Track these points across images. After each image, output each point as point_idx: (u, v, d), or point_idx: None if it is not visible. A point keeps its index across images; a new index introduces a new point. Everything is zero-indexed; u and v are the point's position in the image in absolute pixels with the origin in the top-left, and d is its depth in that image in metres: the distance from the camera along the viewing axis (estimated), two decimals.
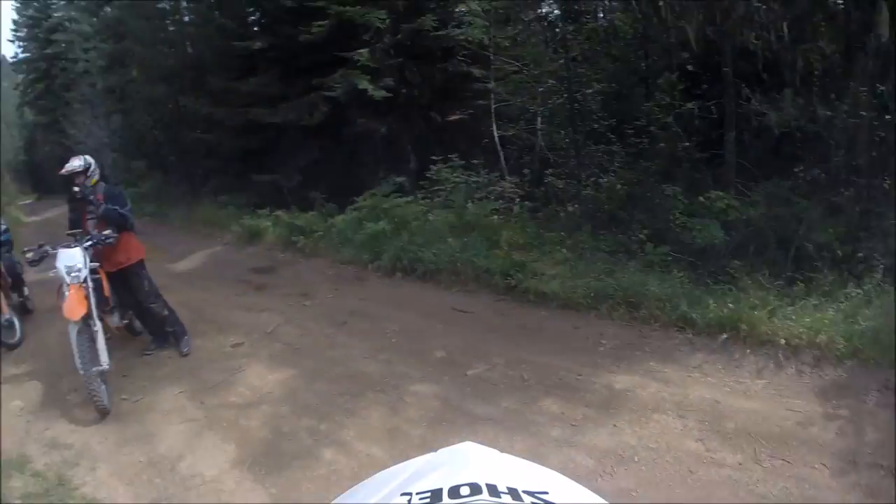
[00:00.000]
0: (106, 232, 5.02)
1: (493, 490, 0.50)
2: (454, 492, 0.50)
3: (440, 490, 0.50)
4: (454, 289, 6.30)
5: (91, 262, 4.90)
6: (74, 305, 4.63)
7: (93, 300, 4.84)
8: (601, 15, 10.17)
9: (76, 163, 5.16)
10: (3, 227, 7.50)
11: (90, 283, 4.86)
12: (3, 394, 5.50)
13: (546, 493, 0.52)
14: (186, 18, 16.04)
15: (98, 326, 4.83)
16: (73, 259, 4.79)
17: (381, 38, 9.88)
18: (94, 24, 26.51)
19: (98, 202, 5.13)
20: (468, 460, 0.61)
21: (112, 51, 21.38)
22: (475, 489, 0.50)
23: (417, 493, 0.51)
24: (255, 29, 12.70)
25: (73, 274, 4.73)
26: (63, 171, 5.23)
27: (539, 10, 10.21)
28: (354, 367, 4.91)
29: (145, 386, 5.20)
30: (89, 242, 4.97)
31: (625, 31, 8.55)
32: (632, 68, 8.19)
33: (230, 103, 12.35)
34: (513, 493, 0.50)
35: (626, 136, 7.32)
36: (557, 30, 8.93)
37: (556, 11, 10.19)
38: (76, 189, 5.13)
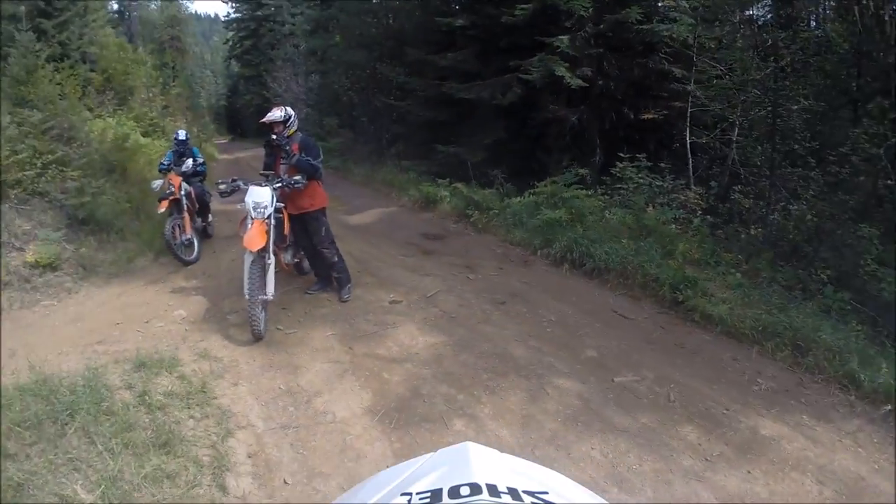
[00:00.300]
0: (296, 177, 5.42)
1: (493, 490, 0.51)
2: (454, 492, 0.51)
3: (440, 490, 0.52)
4: (619, 291, 6.12)
5: (276, 202, 5.29)
6: (255, 237, 4.96)
7: (272, 236, 5.18)
8: (814, 23, 9.44)
9: (277, 113, 5.53)
10: (201, 159, 8.35)
11: (272, 221, 5.21)
12: (169, 301, 6.16)
13: (546, 493, 0.53)
14: None
15: (271, 260, 5.17)
16: (261, 196, 5.19)
17: (582, 26, 9.80)
18: None
19: (292, 151, 5.53)
20: (468, 460, 0.60)
21: (318, 16, 23.07)
22: (475, 489, 0.51)
23: (417, 493, 0.53)
24: (457, 7, 12.95)
25: (258, 209, 5.12)
26: (265, 119, 5.60)
27: (749, 12, 9.62)
28: (504, 348, 4.85)
29: (300, 322, 5.49)
30: (279, 184, 5.38)
31: (839, 43, 7.82)
32: (842, 87, 7.55)
33: (425, 75, 12.91)
34: (513, 493, 0.51)
35: (827, 163, 6.82)
36: (767, 35, 8.41)
37: (769, 15, 9.60)
38: (274, 136, 5.57)
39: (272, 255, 5.21)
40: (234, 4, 37.82)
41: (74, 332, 5.35)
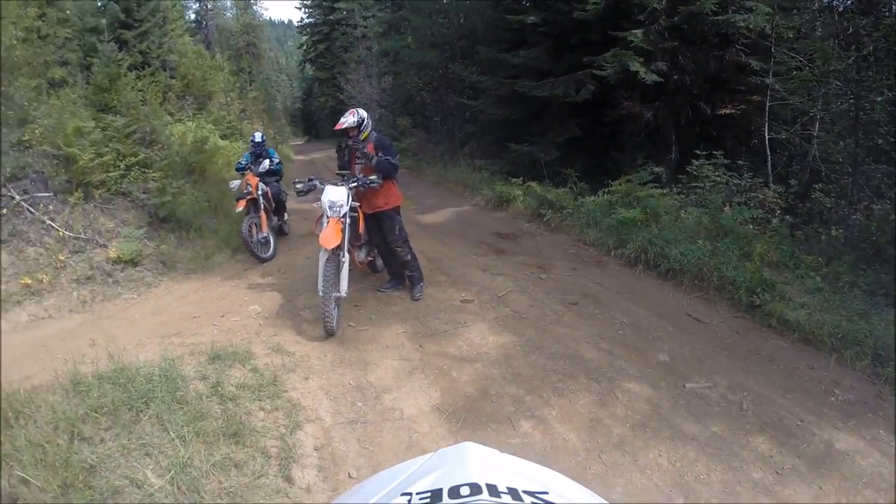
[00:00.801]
0: (372, 177, 5.52)
1: (493, 490, 0.51)
2: (454, 492, 0.51)
3: (440, 490, 0.52)
4: (693, 294, 6.02)
5: (351, 201, 5.43)
6: (330, 236, 5.05)
7: (347, 234, 5.30)
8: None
9: (351, 119, 5.59)
10: (277, 159, 8.67)
11: (347, 220, 5.33)
12: (245, 296, 6.37)
13: (546, 493, 0.53)
14: None
15: (346, 258, 5.27)
16: (337, 195, 5.32)
17: (656, 19, 9.69)
18: None
19: (368, 152, 5.64)
20: (468, 460, 0.61)
21: (389, 18, 23.60)
22: (475, 489, 0.51)
23: (417, 493, 0.52)
24: (528, 3, 12.94)
25: (334, 208, 5.26)
26: (338, 126, 5.71)
27: None
28: (574, 350, 4.81)
29: (372, 319, 5.56)
30: (354, 184, 5.52)
31: None
32: None
33: (498, 73, 12.98)
34: (513, 493, 0.51)
35: None
36: (848, 23, 8.00)
37: (849, 2, 9.06)
38: (350, 141, 5.73)
39: (346, 253, 5.33)
40: (307, 10, 39.10)
41: (153, 325, 5.66)
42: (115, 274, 7.10)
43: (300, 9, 39.36)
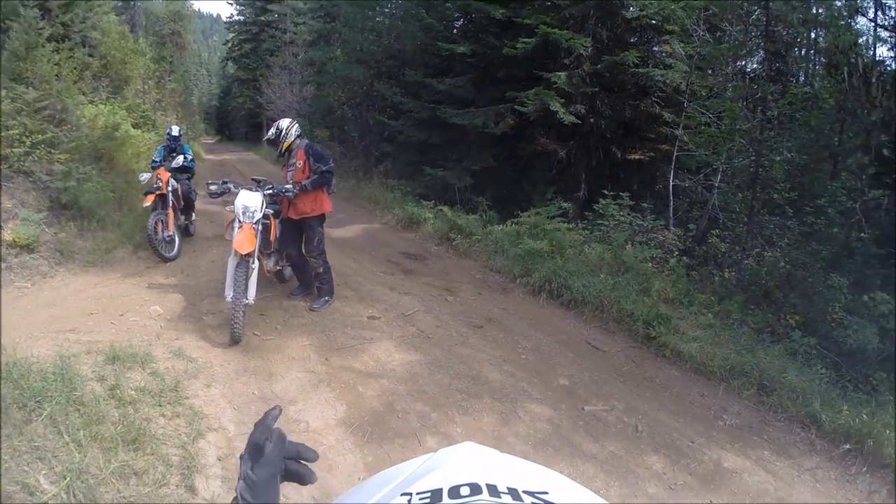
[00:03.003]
0: (287, 186, 5.58)
1: (493, 490, 0.51)
2: (454, 492, 0.50)
3: (440, 490, 0.51)
4: (594, 324, 6.16)
5: (265, 208, 5.39)
6: (244, 241, 5.02)
7: (258, 241, 5.25)
8: (803, 78, 9.73)
9: (272, 130, 5.90)
10: (190, 156, 8.35)
11: (260, 226, 5.30)
12: (146, 296, 6.09)
13: (546, 493, 0.53)
14: (396, 13, 17.06)
15: (255, 265, 5.23)
16: (251, 201, 5.29)
17: (580, 64, 10.03)
18: (307, 2, 29.10)
19: (296, 158, 5.78)
20: (468, 460, 0.61)
21: (321, 28, 23.56)
22: (475, 489, 0.50)
23: (417, 493, 0.52)
24: (459, 34, 13.21)
25: (247, 213, 5.21)
26: (265, 138, 6.04)
27: (741, 64, 9.93)
28: (478, 371, 4.87)
29: (278, 329, 5.47)
30: (269, 190, 5.51)
31: (825, 99, 8.05)
32: (825, 142, 7.74)
33: (421, 97, 13.11)
34: (513, 493, 0.51)
35: (803, 213, 6.96)
36: (757, 87, 8.57)
37: (760, 68, 9.84)
38: (278, 149, 5.89)
39: (256, 260, 5.25)
40: (238, 6, 38.07)
41: (47, 318, 5.29)
42: (9, 259, 6.49)
43: (231, 4, 38.36)
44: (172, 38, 32.19)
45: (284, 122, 5.92)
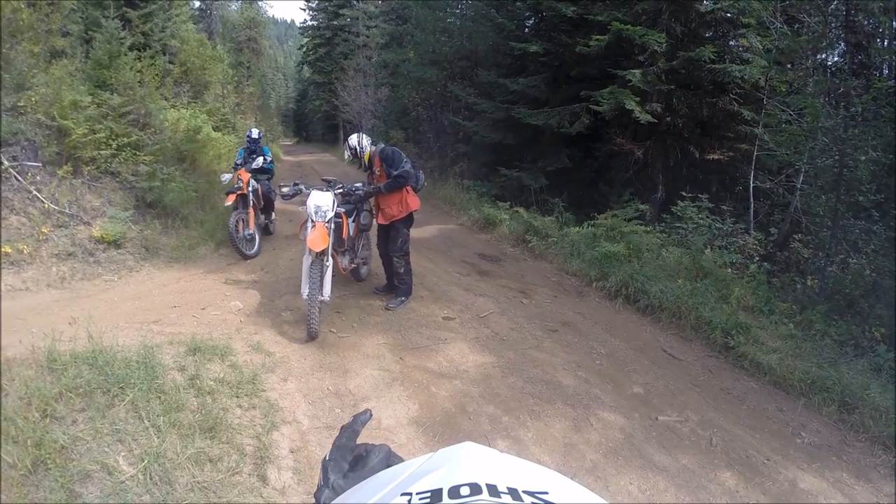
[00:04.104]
0: (357, 185, 5.83)
1: (493, 490, 0.50)
2: (454, 492, 0.50)
3: (440, 490, 0.51)
4: (670, 331, 6.10)
5: (336, 206, 5.57)
6: (317, 239, 5.15)
7: (331, 239, 5.38)
8: (887, 71, 9.25)
9: (346, 153, 6.15)
10: (269, 158, 8.68)
11: (332, 225, 5.43)
12: (227, 291, 6.36)
13: (546, 493, 0.52)
14: (466, 13, 17.12)
15: (330, 263, 5.36)
16: (322, 200, 5.45)
17: (655, 61, 9.87)
18: (378, 5, 29.59)
19: (375, 166, 5.98)
20: (468, 460, 0.60)
21: (393, 31, 23.95)
22: (475, 489, 0.50)
23: (417, 493, 0.51)
24: (531, 32, 13.13)
25: (319, 213, 5.37)
26: (345, 156, 6.21)
27: (822, 57, 9.52)
28: (552, 375, 4.85)
29: (354, 327, 5.58)
30: (340, 189, 5.73)
31: None
32: None
33: (495, 97, 13.09)
34: (513, 493, 0.51)
35: (890, 217, 6.61)
36: (839, 82, 8.18)
37: (840, 59, 9.43)
38: (360, 164, 6.12)
39: (330, 258, 5.41)
40: (311, 12, 39.26)
41: (132, 309, 5.61)
42: (97, 254, 7.02)
43: (304, 10, 39.57)
44: (248, 44, 33.46)
45: (353, 140, 6.07)
